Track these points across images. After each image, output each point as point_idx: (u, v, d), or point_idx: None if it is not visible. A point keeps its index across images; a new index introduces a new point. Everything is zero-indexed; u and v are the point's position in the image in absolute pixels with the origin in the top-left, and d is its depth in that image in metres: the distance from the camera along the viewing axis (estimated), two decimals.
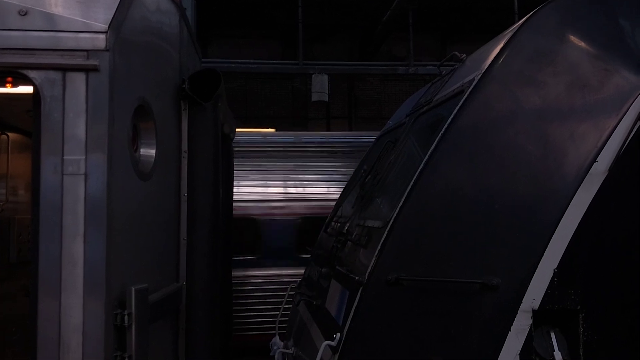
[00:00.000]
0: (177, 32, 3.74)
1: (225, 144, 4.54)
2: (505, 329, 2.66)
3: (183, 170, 3.61)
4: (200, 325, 3.56)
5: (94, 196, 2.52)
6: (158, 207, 3.22)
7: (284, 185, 8.22)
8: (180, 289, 3.52)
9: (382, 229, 3.03)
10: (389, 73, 13.12)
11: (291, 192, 8.20)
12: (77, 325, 2.47)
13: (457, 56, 4.04)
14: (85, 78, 2.54)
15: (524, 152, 2.91)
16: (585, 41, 3.07)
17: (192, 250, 3.56)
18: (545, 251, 2.67)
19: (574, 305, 2.69)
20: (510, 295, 2.68)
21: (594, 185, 2.71)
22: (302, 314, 4.40)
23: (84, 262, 2.49)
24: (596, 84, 2.92)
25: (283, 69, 12.73)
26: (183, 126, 3.64)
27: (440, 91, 3.90)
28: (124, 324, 2.58)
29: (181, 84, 3.62)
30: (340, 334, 2.93)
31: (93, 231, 2.51)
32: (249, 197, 7.88)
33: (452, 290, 2.77)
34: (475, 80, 3.13)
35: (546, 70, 3.03)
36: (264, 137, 9.51)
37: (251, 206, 7.86)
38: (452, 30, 14.96)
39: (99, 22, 2.61)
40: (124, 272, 2.69)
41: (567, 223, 2.69)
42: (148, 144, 3.08)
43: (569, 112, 2.92)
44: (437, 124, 3.37)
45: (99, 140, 2.53)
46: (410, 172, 3.16)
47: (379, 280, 2.84)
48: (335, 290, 3.59)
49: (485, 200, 2.88)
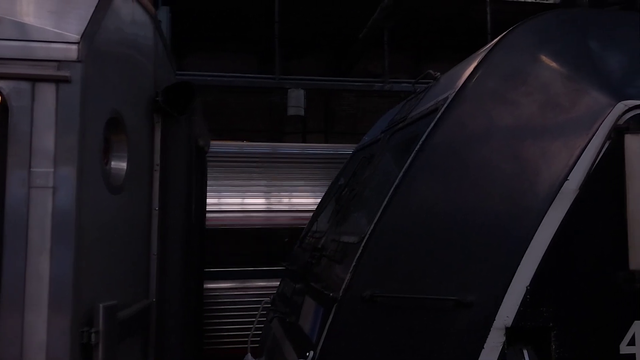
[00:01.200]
0: (152, 44, 3.70)
1: (199, 157, 4.49)
2: (479, 346, 2.66)
3: (155, 183, 3.55)
4: (170, 342, 3.48)
5: (62, 210, 2.46)
6: (128, 222, 3.15)
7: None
8: (151, 305, 3.45)
9: (357, 245, 3.01)
10: (365, 89, 13.21)
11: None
12: (40, 343, 2.39)
13: (431, 74, 4.08)
14: (56, 89, 2.49)
15: (497, 170, 2.94)
16: (557, 61, 3.12)
17: (163, 266, 3.49)
18: (518, 268, 2.69)
19: (546, 323, 2.70)
20: (484, 312, 2.68)
21: (565, 204, 2.75)
22: (275, 330, 4.35)
23: (50, 278, 2.42)
24: (567, 104, 2.97)
25: (259, 83, 12.71)
26: (156, 139, 3.59)
27: (415, 108, 3.93)
28: (91, 342, 2.50)
29: (155, 97, 3.58)
30: (313, 352, 2.89)
31: (60, 246, 2.44)
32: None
33: (426, 307, 2.77)
34: (449, 98, 3.16)
35: (519, 90, 3.07)
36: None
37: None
38: (426, 50, 15.16)
39: (72, 33, 2.56)
40: (92, 288, 2.61)
41: (539, 241, 2.71)
42: (120, 157, 3.02)
43: (541, 131, 2.97)
44: (411, 141, 3.39)
45: (68, 152, 2.47)
46: (385, 188, 3.16)
47: (353, 296, 2.82)
48: (309, 306, 3.56)
49: (460, 217, 2.89)
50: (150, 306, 3.44)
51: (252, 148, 8.89)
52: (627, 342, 2.75)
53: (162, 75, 3.92)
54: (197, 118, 3.98)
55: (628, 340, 2.75)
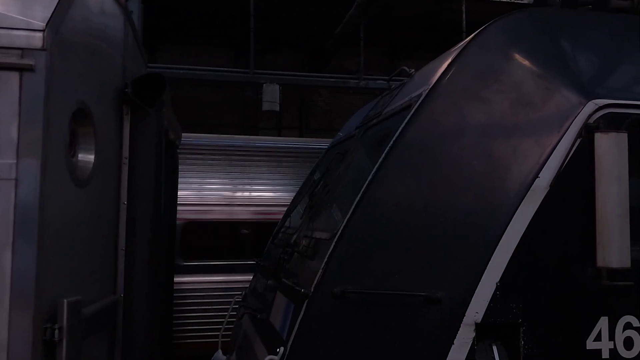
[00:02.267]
0: (122, 35, 3.61)
1: (169, 151, 4.41)
2: (449, 342, 2.67)
3: (123, 177, 3.47)
4: (137, 339, 3.41)
5: (25, 203, 2.37)
6: (95, 216, 3.07)
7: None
8: (118, 301, 3.37)
9: (329, 241, 3.00)
10: (340, 86, 13.21)
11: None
12: (1, 341, 2.31)
13: (406, 71, 4.08)
14: (19, 78, 2.40)
15: (468, 167, 2.95)
16: (529, 60, 3.15)
17: (130, 261, 3.42)
18: (488, 265, 2.71)
19: (515, 319, 2.73)
20: (454, 308, 2.69)
21: (535, 201, 2.77)
22: (245, 326, 4.31)
23: (11, 273, 2.34)
24: (539, 102, 3.00)
25: (233, 77, 12.59)
26: (125, 131, 3.51)
27: (389, 105, 3.93)
28: (54, 338, 2.42)
29: (124, 88, 3.49)
30: (284, 348, 2.86)
31: (23, 240, 2.36)
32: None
33: (397, 303, 2.77)
34: (423, 95, 3.16)
35: (491, 87, 3.09)
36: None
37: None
38: (401, 47, 15.23)
39: (36, 20, 2.47)
40: (55, 283, 2.54)
41: (509, 237, 2.74)
42: (86, 150, 2.94)
43: (513, 128, 2.99)
44: (385, 137, 3.38)
45: (32, 144, 2.39)
46: (358, 184, 3.15)
47: (325, 292, 2.81)
48: (280, 302, 3.53)
49: (431, 213, 2.90)
50: (117, 302, 3.37)
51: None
52: (594, 337, 2.79)
53: (132, 67, 3.83)
54: (168, 111, 3.91)
55: (594, 336, 2.79)
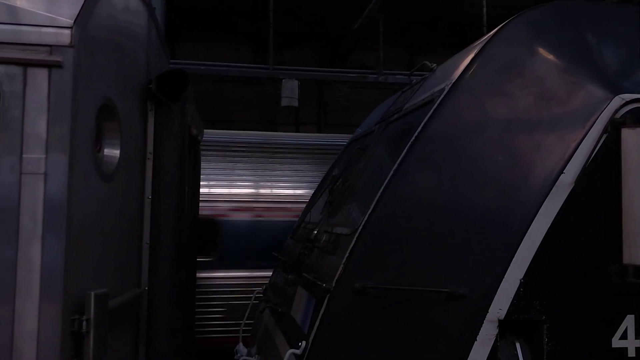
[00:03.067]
0: (145, 32, 3.65)
1: (192, 146, 4.45)
2: (471, 338, 2.66)
3: (148, 172, 3.51)
4: (161, 332, 3.46)
5: (54, 197, 2.42)
6: (120, 210, 3.12)
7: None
8: (142, 294, 3.42)
9: (350, 236, 3.01)
10: (359, 81, 13.18)
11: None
12: (31, 331, 2.36)
13: (427, 66, 4.06)
14: (48, 74, 2.44)
15: (492, 162, 2.93)
16: (554, 54, 3.11)
17: (154, 255, 3.46)
18: (511, 261, 2.69)
19: (539, 316, 2.71)
20: (477, 304, 2.68)
21: (560, 197, 2.75)
22: (266, 320, 4.34)
23: (41, 266, 2.38)
24: (564, 97, 2.96)
25: (253, 73, 12.64)
26: (149, 127, 3.55)
27: (410, 100, 3.91)
28: (82, 330, 2.47)
29: (148, 84, 3.53)
30: (305, 342, 2.89)
31: (52, 233, 2.40)
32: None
33: (419, 299, 2.77)
34: (446, 89, 3.15)
35: (515, 82, 3.06)
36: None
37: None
38: (420, 42, 15.14)
39: (64, 17, 2.51)
40: (83, 276, 2.58)
41: (533, 233, 2.72)
42: (112, 145, 2.98)
43: (537, 123, 2.96)
44: (406, 132, 3.38)
45: (60, 139, 2.43)
46: (379, 180, 3.15)
47: (346, 288, 2.82)
48: (301, 297, 3.55)
49: (453, 209, 2.89)
50: (142, 295, 3.42)
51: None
52: (620, 336, 2.76)
53: (156, 63, 3.87)
54: (191, 106, 3.94)
55: (620, 334, 2.76)
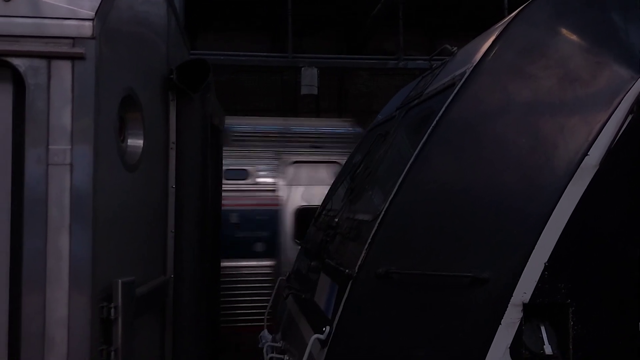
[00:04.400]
0: (165, 22, 3.68)
1: (214, 136, 4.49)
2: (496, 322, 2.65)
3: (171, 161, 3.56)
4: (187, 318, 3.52)
5: (80, 187, 2.47)
6: (145, 199, 3.17)
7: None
8: (168, 282, 3.48)
9: (372, 222, 3.01)
10: (379, 67, 13.08)
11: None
12: (62, 319, 2.43)
13: (448, 49, 4.01)
14: (71, 66, 2.49)
15: (515, 145, 2.89)
16: (578, 34, 3.05)
17: (179, 243, 3.52)
18: (536, 245, 2.66)
19: (564, 299, 2.69)
20: (501, 288, 2.67)
21: (585, 179, 2.71)
22: (290, 307, 4.38)
23: (69, 255, 2.44)
24: (588, 78, 2.91)
25: (272, 62, 12.64)
26: (171, 117, 3.59)
27: (431, 84, 3.88)
28: (110, 317, 2.54)
29: (169, 75, 3.57)
30: (329, 328, 2.91)
31: (79, 223, 2.46)
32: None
33: (442, 284, 2.76)
34: (467, 73, 3.11)
35: (538, 64, 3.01)
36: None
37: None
38: (440, 26, 14.96)
39: (85, 9, 2.55)
40: (110, 264, 2.64)
41: (558, 217, 2.68)
42: (135, 135, 3.03)
43: (560, 105, 2.91)
44: (427, 117, 3.35)
45: (85, 130, 2.48)
46: (400, 166, 3.14)
47: (368, 273, 2.82)
48: (324, 283, 3.57)
49: (476, 193, 2.87)
50: (168, 282, 3.48)
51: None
52: None
53: (176, 53, 3.90)
54: (211, 96, 3.97)
55: None
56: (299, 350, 3.54)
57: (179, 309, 3.52)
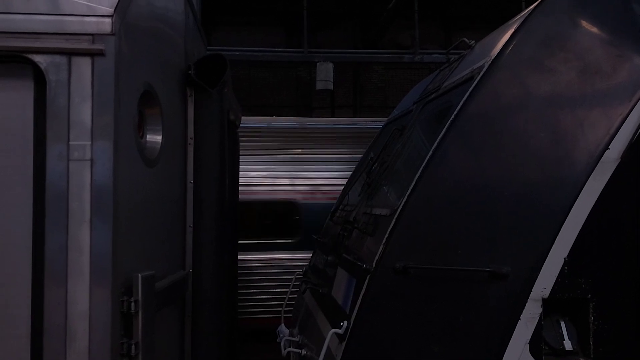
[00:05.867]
0: (183, 18, 3.69)
1: (231, 131, 4.51)
2: (515, 317, 2.64)
3: (189, 157, 3.58)
4: (206, 312, 3.55)
5: (100, 182, 2.49)
6: (164, 194, 3.19)
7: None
8: (187, 276, 3.51)
9: (389, 217, 3.00)
10: (395, 61, 13.03)
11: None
12: (83, 312, 2.46)
13: (466, 43, 3.98)
14: (91, 63, 2.51)
15: (534, 139, 2.87)
16: (598, 26, 3.01)
17: (198, 238, 3.54)
18: (555, 240, 2.65)
19: (584, 294, 2.66)
20: (520, 283, 2.65)
21: (605, 173, 2.68)
22: (307, 301, 4.39)
23: (90, 249, 2.47)
24: (609, 70, 2.87)
25: (288, 57, 12.64)
26: (189, 113, 3.61)
27: (448, 78, 3.85)
28: (131, 310, 2.56)
29: (187, 70, 3.58)
30: (347, 322, 2.91)
31: (99, 217, 2.49)
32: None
33: (460, 279, 2.75)
34: (486, 66, 3.09)
35: (558, 56, 2.98)
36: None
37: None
38: (456, 19, 14.84)
39: (105, 6, 2.57)
40: (130, 258, 2.67)
41: (578, 211, 2.66)
42: (154, 130, 3.05)
43: (581, 98, 2.88)
44: (445, 111, 3.33)
45: (105, 125, 2.50)
46: (418, 160, 3.13)
47: (386, 268, 2.82)
48: (341, 278, 3.58)
49: (495, 187, 2.85)
50: (187, 277, 3.51)
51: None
52: None
53: (193, 49, 3.92)
54: (229, 92, 3.98)
55: None
56: (316, 345, 3.55)
57: (197, 303, 3.54)
